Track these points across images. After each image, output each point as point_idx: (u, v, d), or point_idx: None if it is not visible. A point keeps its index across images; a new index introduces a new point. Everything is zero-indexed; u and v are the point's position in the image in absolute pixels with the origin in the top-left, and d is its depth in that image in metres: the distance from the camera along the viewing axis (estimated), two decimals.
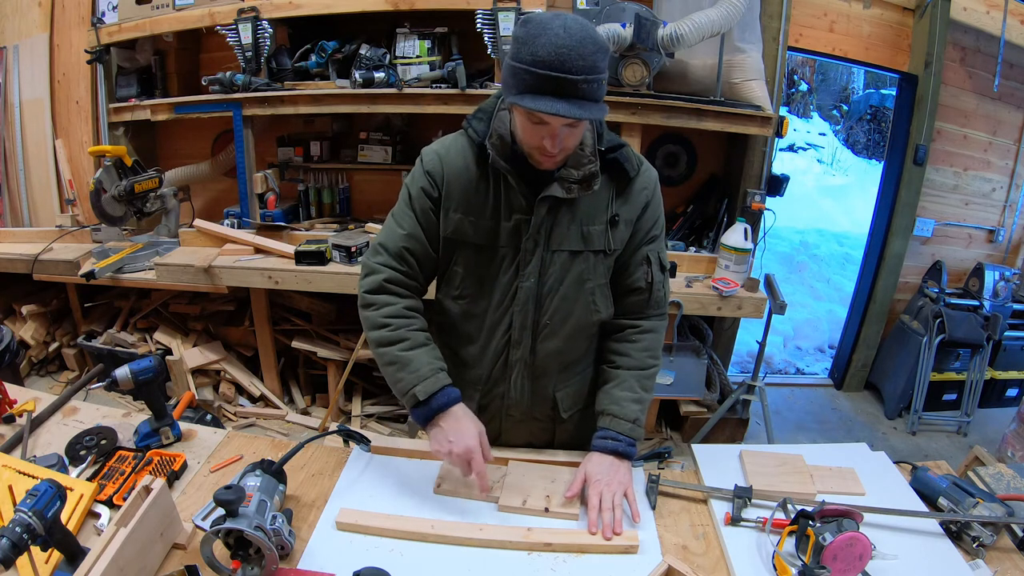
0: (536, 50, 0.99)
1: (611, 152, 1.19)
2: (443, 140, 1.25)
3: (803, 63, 9.62)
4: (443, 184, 1.20)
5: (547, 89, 0.99)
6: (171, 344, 3.11)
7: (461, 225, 1.21)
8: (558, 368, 1.32)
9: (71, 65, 3.26)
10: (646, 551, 1.11)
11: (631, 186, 1.23)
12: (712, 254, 2.81)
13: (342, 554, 1.07)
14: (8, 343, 2.19)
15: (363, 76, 2.68)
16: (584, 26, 1.00)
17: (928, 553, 1.10)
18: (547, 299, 1.24)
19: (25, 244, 3.12)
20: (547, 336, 1.27)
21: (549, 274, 1.22)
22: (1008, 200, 3.55)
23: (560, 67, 0.98)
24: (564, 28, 0.98)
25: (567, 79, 0.98)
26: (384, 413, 3.13)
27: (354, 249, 2.76)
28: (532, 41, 0.99)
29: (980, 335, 3.24)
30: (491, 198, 1.20)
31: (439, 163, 1.20)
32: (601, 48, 1.01)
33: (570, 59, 0.97)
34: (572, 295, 1.24)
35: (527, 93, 1.01)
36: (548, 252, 1.20)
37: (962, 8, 2.97)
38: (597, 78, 1.01)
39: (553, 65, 0.98)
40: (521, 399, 1.34)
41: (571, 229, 1.20)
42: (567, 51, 0.97)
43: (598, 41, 1.00)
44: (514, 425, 1.39)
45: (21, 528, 0.90)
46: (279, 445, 1.39)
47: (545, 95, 1.00)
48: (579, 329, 1.28)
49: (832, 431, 3.40)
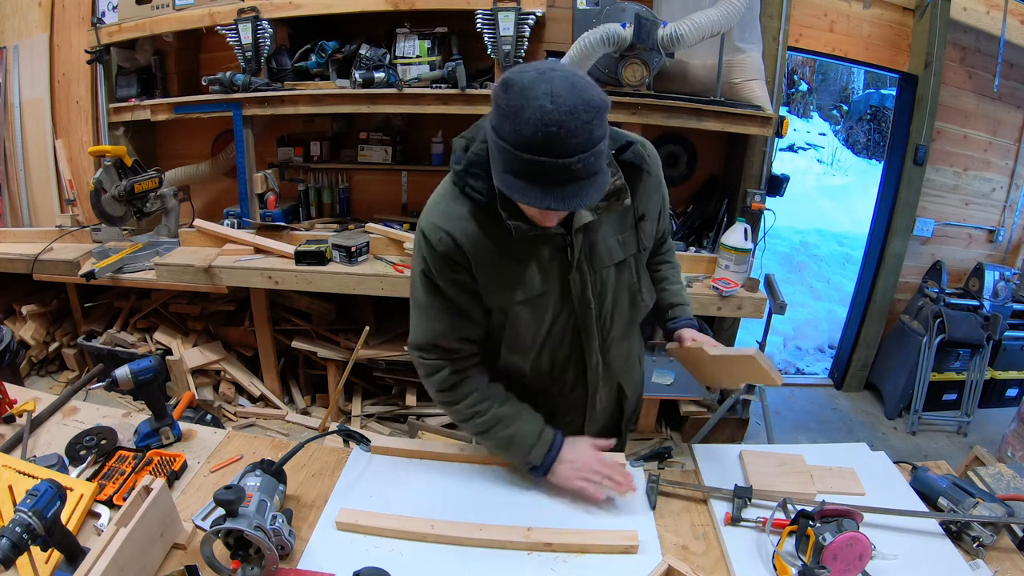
0: (519, 127, 0.84)
1: (623, 152, 1.12)
2: (440, 207, 1.10)
3: (803, 63, 9.62)
4: (469, 259, 1.09)
5: (536, 175, 0.86)
6: (171, 344, 3.11)
7: (502, 295, 1.14)
8: (621, 363, 1.37)
9: (71, 65, 3.26)
10: (646, 551, 1.11)
11: (650, 176, 1.18)
12: (712, 254, 2.81)
13: (342, 554, 1.07)
14: (8, 343, 2.20)
15: (363, 76, 2.68)
16: (574, 87, 0.84)
17: (928, 553, 1.10)
18: (607, 318, 1.24)
19: (25, 244, 3.12)
20: (612, 346, 1.29)
21: (603, 295, 1.20)
22: (1008, 200, 3.54)
23: (549, 151, 0.83)
24: (551, 97, 0.82)
25: (558, 164, 0.84)
26: (384, 413, 3.12)
27: (354, 249, 2.76)
28: (514, 115, 0.84)
29: (980, 335, 3.24)
30: (522, 252, 1.11)
31: (451, 242, 1.08)
32: (597, 112, 0.85)
33: (560, 139, 0.82)
34: (626, 303, 1.26)
35: (514, 176, 0.88)
36: (595, 275, 1.17)
37: (962, 8, 2.97)
38: (594, 152, 0.86)
39: (540, 148, 0.83)
40: (601, 404, 1.37)
41: (609, 242, 1.17)
42: (556, 129, 0.82)
43: (593, 104, 0.85)
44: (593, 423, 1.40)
45: (21, 528, 0.90)
46: (279, 445, 1.39)
47: (535, 182, 0.86)
48: (634, 326, 1.34)
49: (832, 431, 3.40)
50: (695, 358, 1.33)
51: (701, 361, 1.31)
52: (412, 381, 3.12)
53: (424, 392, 3.10)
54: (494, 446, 1.25)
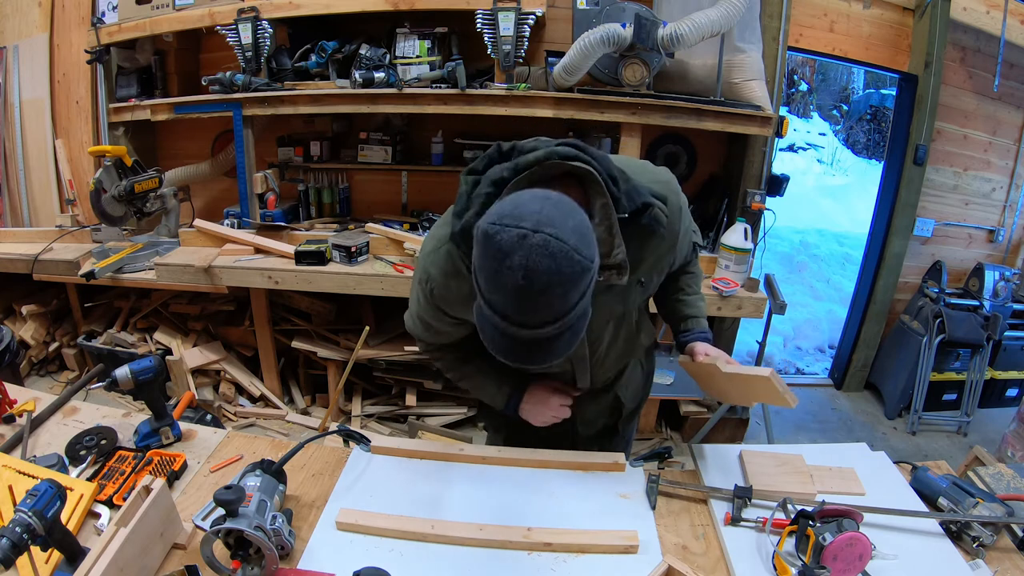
0: (493, 291, 0.84)
1: (640, 215, 1.02)
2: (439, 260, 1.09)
3: (803, 63, 9.61)
4: (458, 311, 1.14)
5: (507, 335, 0.87)
6: (171, 344, 3.11)
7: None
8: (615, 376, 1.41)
9: (71, 65, 3.26)
10: (646, 551, 1.11)
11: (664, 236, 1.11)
12: (712, 254, 2.81)
13: (342, 554, 1.07)
14: (8, 343, 2.20)
15: (363, 76, 2.68)
16: (553, 259, 0.79)
17: (928, 553, 1.10)
18: (600, 357, 1.30)
19: (25, 244, 3.12)
20: (604, 374, 1.36)
21: (599, 344, 1.27)
22: (1008, 200, 3.54)
23: (519, 322, 0.84)
24: (525, 272, 0.79)
25: (526, 334, 0.85)
26: (384, 413, 3.12)
27: (354, 249, 2.76)
28: (489, 276, 0.83)
29: (980, 335, 3.24)
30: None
31: (443, 293, 1.11)
32: (575, 283, 0.82)
33: (528, 313, 0.83)
34: (621, 344, 1.33)
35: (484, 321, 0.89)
36: (591, 332, 1.21)
37: (962, 8, 2.97)
38: (567, 319, 0.86)
39: (511, 319, 0.84)
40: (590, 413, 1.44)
41: (608, 302, 1.15)
42: (526, 305, 0.82)
43: (572, 276, 0.81)
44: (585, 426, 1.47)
45: (21, 528, 0.90)
46: (279, 445, 1.39)
47: (504, 337, 0.87)
48: (628, 351, 1.38)
49: (832, 431, 3.40)
50: (707, 373, 1.32)
51: (712, 377, 1.30)
52: (412, 381, 3.11)
53: (424, 392, 3.11)
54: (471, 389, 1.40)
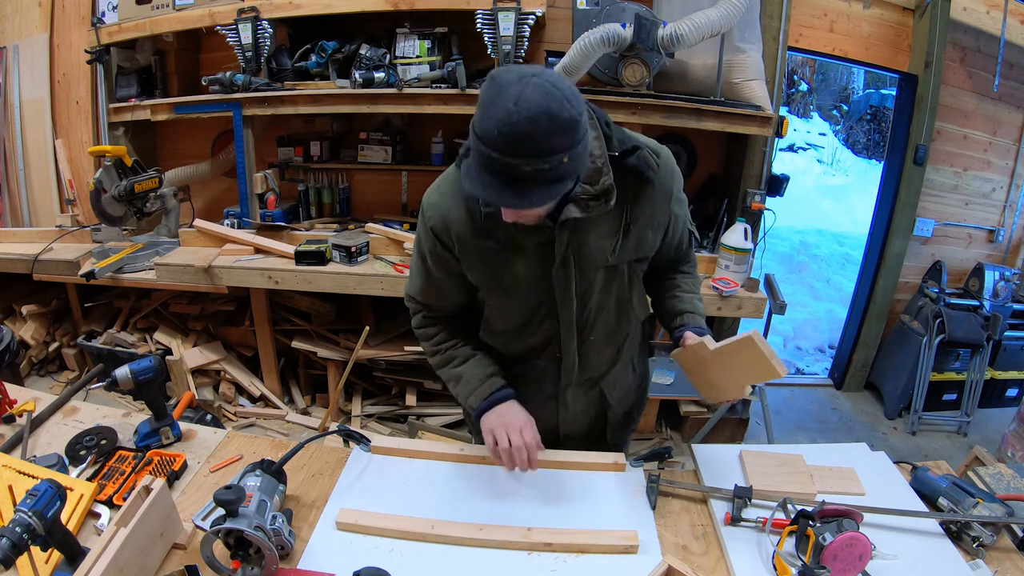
0: (485, 122, 0.88)
1: (627, 156, 1.09)
2: (442, 185, 1.17)
3: (803, 63, 9.61)
4: (453, 240, 1.15)
5: (488, 167, 0.90)
6: (171, 344, 3.11)
7: (483, 273, 1.18)
8: (605, 368, 1.36)
9: (71, 65, 3.26)
10: (646, 551, 1.11)
11: (654, 185, 1.14)
12: (712, 254, 2.81)
13: (342, 554, 1.07)
14: (8, 343, 2.19)
15: (363, 76, 2.68)
16: (547, 97, 0.85)
17: (928, 553, 1.10)
18: (588, 319, 1.24)
19: (25, 244, 3.12)
20: (592, 349, 1.30)
21: (588, 296, 1.21)
22: (1008, 200, 3.54)
23: (502, 148, 0.87)
24: (517, 101, 0.85)
25: (508, 163, 0.87)
26: (384, 413, 3.12)
27: (354, 249, 2.76)
28: (484, 108, 0.88)
29: (980, 335, 3.24)
30: (509, 237, 1.12)
31: (443, 222, 1.14)
32: (562, 126, 0.87)
33: (514, 140, 0.86)
34: (612, 310, 1.26)
35: (473, 164, 0.93)
36: (581, 275, 1.17)
37: (962, 8, 2.97)
38: (550, 161, 0.88)
39: (496, 145, 0.87)
40: (575, 405, 1.38)
41: (600, 244, 1.15)
42: (511, 130, 0.85)
43: (559, 117, 0.86)
44: (569, 422, 1.41)
45: (21, 528, 0.90)
46: (279, 445, 1.39)
47: (487, 172, 0.91)
48: (620, 332, 1.32)
49: (832, 431, 3.40)
50: (697, 360, 1.28)
51: (703, 363, 1.26)
52: (412, 381, 3.11)
53: (424, 392, 3.11)
54: (449, 382, 1.33)
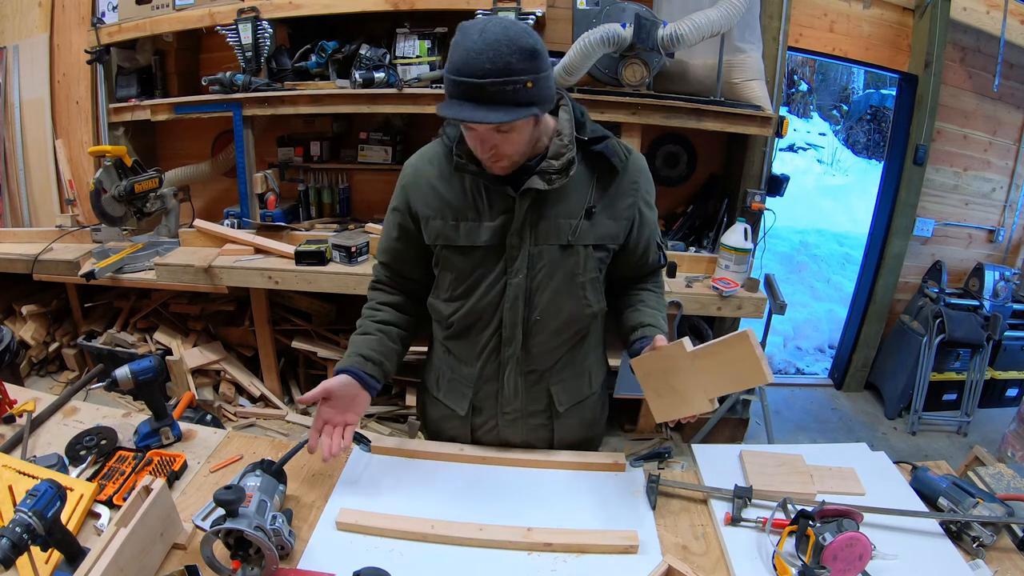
0: (453, 56, 1.00)
1: (594, 143, 1.16)
2: (424, 149, 1.28)
3: (803, 63, 9.62)
4: (419, 196, 1.23)
5: (456, 93, 1.00)
6: (171, 344, 3.11)
7: (443, 230, 1.22)
8: (551, 363, 1.31)
9: (71, 65, 3.26)
10: (646, 551, 1.11)
11: (620, 179, 1.21)
12: (712, 254, 2.81)
13: (342, 554, 1.07)
14: (8, 343, 2.19)
15: (363, 76, 2.68)
16: (506, 29, 0.97)
17: (928, 553, 1.10)
18: (537, 295, 1.22)
19: (25, 244, 3.12)
20: (538, 331, 1.25)
21: (538, 269, 1.20)
22: (1008, 200, 3.55)
23: (465, 71, 0.97)
24: (481, 32, 0.97)
25: (471, 83, 0.97)
26: (384, 413, 3.13)
27: (354, 249, 2.76)
28: (455, 47, 1.00)
29: (980, 335, 3.24)
30: (472, 199, 1.19)
31: (414, 176, 1.24)
32: (520, 50, 0.97)
33: (475, 63, 0.96)
34: (563, 289, 1.23)
35: (447, 97, 1.03)
36: (535, 247, 1.19)
37: (962, 8, 2.97)
38: (508, 80, 0.97)
39: (460, 70, 0.98)
40: (515, 396, 1.33)
41: (559, 223, 1.18)
42: (474, 55, 0.96)
43: (517, 42, 0.97)
44: (511, 423, 1.36)
45: (21, 528, 0.90)
46: (279, 445, 1.39)
47: (455, 99, 1.00)
48: (570, 323, 1.27)
49: (832, 431, 3.40)
50: (663, 365, 1.16)
51: (669, 370, 1.14)
52: (412, 381, 3.12)
53: None
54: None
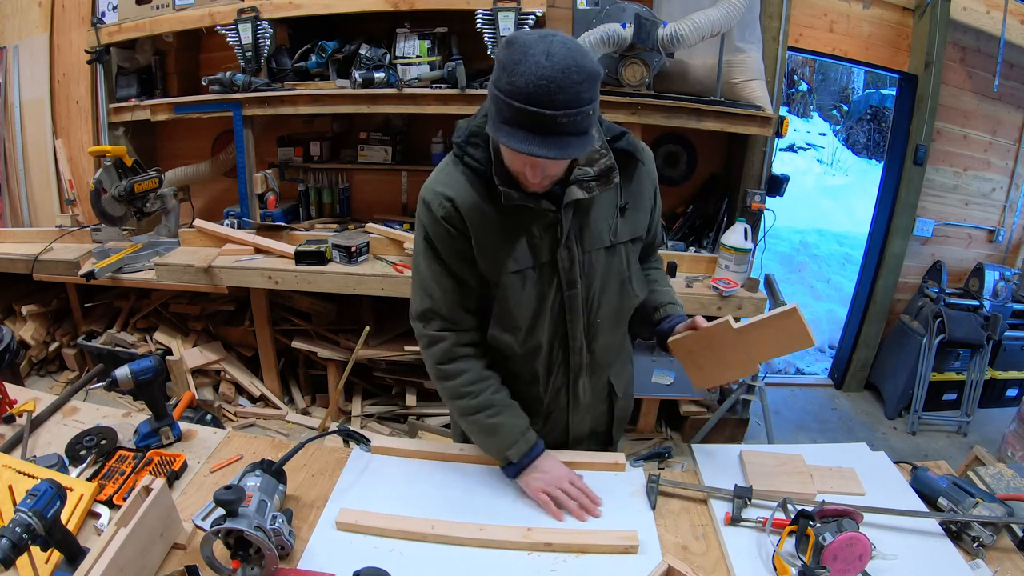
0: (515, 79, 0.91)
1: (617, 141, 1.16)
2: (441, 176, 1.17)
3: (803, 63, 9.62)
4: (466, 226, 1.14)
5: (524, 123, 0.93)
6: (171, 344, 3.11)
7: (495, 262, 1.17)
8: (612, 357, 1.36)
9: (71, 65, 3.26)
10: (646, 551, 1.11)
11: (639, 170, 1.22)
12: (712, 254, 2.81)
13: (342, 554, 1.07)
14: (8, 343, 2.19)
15: (363, 76, 2.68)
16: (571, 51, 0.92)
17: (928, 553, 1.10)
18: (594, 300, 1.24)
19: (25, 244, 3.12)
20: (598, 334, 1.28)
21: (592, 276, 1.22)
22: (1008, 200, 3.54)
23: (538, 101, 0.91)
24: (547, 55, 0.90)
25: (545, 115, 0.91)
26: (384, 413, 3.12)
27: (354, 249, 2.76)
28: (512, 68, 0.92)
29: (980, 335, 3.24)
30: (515, 225, 1.14)
31: (451, 207, 1.14)
32: (589, 77, 0.93)
33: (550, 92, 0.90)
34: (615, 288, 1.26)
35: (504, 124, 0.96)
36: (585, 255, 1.19)
37: (962, 8, 2.97)
38: (581, 111, 0.93)
39: (531, 99, 0.91)
40: (584, 397, 1.35)
41: (600, 226, 1.19)
42: (547, 83, 0.90)
43: (585, 69, 0.92)
44: (580, 422, 1.39)
45: (21, 528, 0.90)
46: (279, 445, 1.39)
47: (522, 129, 0.94)
48: (622, 317, 1.33)
49: (832, 431, 3.40)
50: (706, 343, 1.23)
51: (713, 345, 1.22)
52: (412, 381, 3.12)
53: (424, 392, 3.11)
54: (478, 431, 1.26)
